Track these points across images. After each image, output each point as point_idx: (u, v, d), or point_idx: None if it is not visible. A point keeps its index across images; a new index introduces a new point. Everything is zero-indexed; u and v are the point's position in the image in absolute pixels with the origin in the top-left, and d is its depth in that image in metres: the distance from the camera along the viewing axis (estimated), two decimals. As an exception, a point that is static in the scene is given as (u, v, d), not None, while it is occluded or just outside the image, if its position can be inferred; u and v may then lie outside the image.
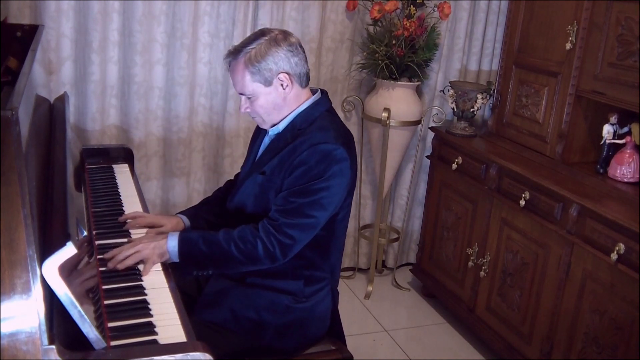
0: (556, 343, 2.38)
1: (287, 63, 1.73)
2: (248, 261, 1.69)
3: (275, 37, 1.73)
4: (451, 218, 3.04)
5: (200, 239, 1.69)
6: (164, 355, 1.22)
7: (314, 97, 1.84)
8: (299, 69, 1.76)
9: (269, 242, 1.67)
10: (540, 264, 2.48)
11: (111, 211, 1.94)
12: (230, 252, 1.67)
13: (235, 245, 1.68)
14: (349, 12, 3.06)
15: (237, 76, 1.74)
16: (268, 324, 1.78)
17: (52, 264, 1.15)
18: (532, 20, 2.75)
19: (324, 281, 1.85)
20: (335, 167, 1.69)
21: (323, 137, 1.71)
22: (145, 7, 2.63)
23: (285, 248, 1.69)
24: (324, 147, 1.69)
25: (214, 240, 1.69)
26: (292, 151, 1.72)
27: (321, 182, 1.68)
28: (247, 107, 1.79)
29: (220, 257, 1.69)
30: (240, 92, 1.77)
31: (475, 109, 2.98)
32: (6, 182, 1.11)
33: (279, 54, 1.71)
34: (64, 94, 2.25)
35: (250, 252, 1.67)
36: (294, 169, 1.70)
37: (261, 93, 1.74)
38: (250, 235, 1.69)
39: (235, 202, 1.88)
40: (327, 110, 1.83)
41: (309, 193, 1.68)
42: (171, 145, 2.87)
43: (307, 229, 1.71)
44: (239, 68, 1.73)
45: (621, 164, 2.37)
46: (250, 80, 1.72)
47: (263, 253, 1.68)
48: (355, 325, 2.98)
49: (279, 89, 1.75)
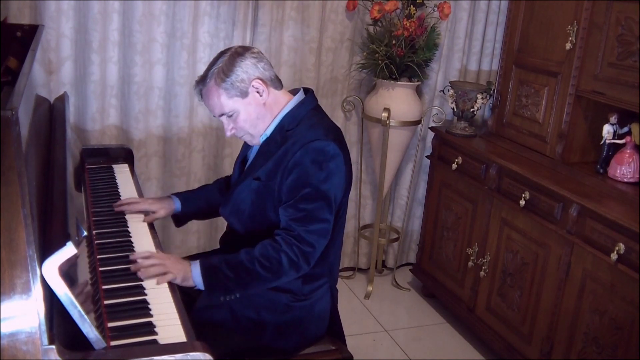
0: (556, 343, 2.38)
1: (256, 69, 1.73)
2: (275, 277, 1.67)
3: (235, 50, 1.75)
4: (451, 218, 3.04)
5: (223, 264, 1.66)
6: (163, 355, 1.22)
7: (297, 97, 1.84)
8: (268, 73, 1.76)
9: (293, 253, 1.66)
10: (540, 264, 2.48)
11: (111, 211, 1.94)
12: (256, 271, 1.65)
13: (259, 264, 1.65)
14: (349, 12, 3.06)
15: (213, 99, 1.73)
16: (267, 323, 1.78)
17: (52, 264, 1.15)
18: (532, 20, 2.75)
19: (322, 279, 1.85)
20: (331, 164, 1.69)
21: (313, 134, 1.70)
22: (145, 7, 2.63)
23: (308, 256, 1.69)
24: (316, 145, 1.68)
25: (236, 263, 1.66)
26: (285, 153, 1.72)
27: (323, 184, 1.68)
28: (232, 129, 1.77)
29: (246, 278, 1.66)
30: (220, 113, 1.74)
31: (475, 109, 2.98)
32: (6, 182, 1.11)
33: (246, 62, 1.71)
34: (64, 94, 2.25)
35: (276, 267, 1.66)
36: (290, 171, 1.70)
37: (241, 107, 1.73)
38: (272, 251, 1.66)
39: (229, 208, 1.87)
40: (313, 108, 1.83)
41: (316, 198, 1.68)
42: (171, 145, 2.87)
43: (324, 232, 1.71)
44: (211, 91, 1.72)
45: (621, 164, 2.37)
46: (227, 98, 1.71)
47: (288, 265, 1.66)
48: (355, 325, 2.98)
49: (257, 97, 1.74)
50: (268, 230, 1.76)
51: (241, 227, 1.86)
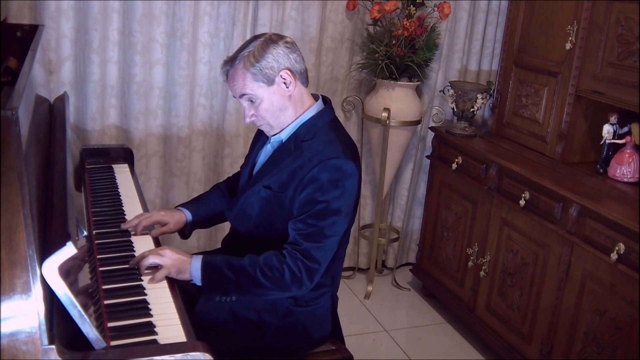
0: (556, 343, 2.38)
1: (287, 59, 1.69)
2: (275, 288, 1.65)
3: (270, 37, 1.71)
4: (451, 218, 3.04)
5: (225, 265, 1.65)
6: (163, 355, 1.22)
7: (317, 105, 1.80)
8: (298, 66, 1.73)
9: (296, 267, 1.64)
10: (540, 264, 2.48)
11: (111, 211, 1.94)
12: (257, 278, 1.64)
13: (261, 272, 1.64)
14: (349, 12, 3.05)
15: (238, 81, 1.68)
16: (268, 325, 1.78)
17: (52, 264, 1.15)
18: (532, 20, 2.75)
19: (324, 287, 1.84)
20: (347, 183, 1.66)
21: (332, 151, 1.67)
22: (145, 7, 2.63)
23: (312, 272, 1.66)
24: (335, 163, 1.65)
25: (239, 266, 1.65)
26: (301, 166, 1.68)
27: (336, 202, 1.65)
28: (252, 115, 1.73)
29: (246, 283, 1.65)
30: (241, 93, 1.70)
31: (475, 109, 2.98)
32: (6, 182, 1.11)
33: (278, 51, 1.68)
34: (64, 94, 2.24)
35: (278, 278, 1.64)
36: (305, 186, 1.66)
37: (265, 94, 1.69)
38: (276, 262, 1.65)
39: (236, 212, 1.84)
40: (331, 120, 1.79)
41: (327, 215, 1.65)
42: (171, 145, 2.87)
43: (329, 249, 1.69)
44: (238, 73, 1.68)
45: (621, 164, 2.37)
46: (253, 81, 1.67)
47: (290, 279, 1.64)
48: (355, 325, 2.98)
49: (282, 88, 1.71)
50: (273, 238, 1.74)
51: (246, 232, 1.83)
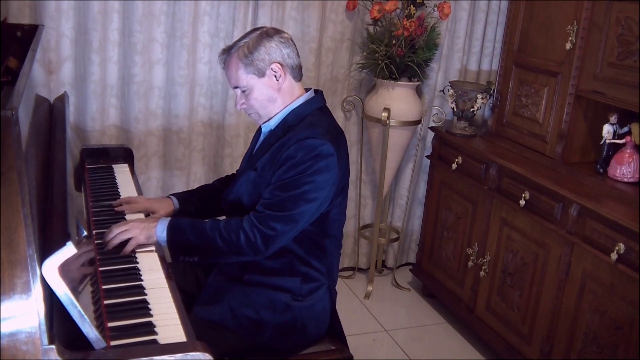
0: (556, 343, 2.38)
1: (279, 54, 1.78)
2: (231, 251, 1.71)
3: (267, 30, 1.81)
4: (451, 218, 3.04)
5: (189, 227, 1.73)
6: (163, 355, 1.22)
7: (307, 94, 1.87)
8: (291, 61, 1.81)
9: (252, 233, 1.70)
10: (540, 263, 2.48)
11: (111, 211, 1.94)
12: (215, 241, 1.70)
13: (219, 235, 1.71)
14: (349, 12, 3.06)
15: (232, 70, 1.79)
16: (267, 322, 1.78)
17: (52, 263, 1.15)
18: (532, 20, 2.75)
19: (320, 280, 1.86)
20: (321, 163, 1.71)
21: (310, 132, 1.73)
22: (145, 7, 2.63)
23: (267, 239, 1.70)
24: (310, 142, 1.71)
25: (200, 229, 1.73)
26: (281, 147, 1.76)
27: (306, 177, 1.70)
28: (242, 103, 1.83)
29: (205, 245, 1.72)
30: (234, 85, 1.81)
31: (475, 108, 2.98)
32: (6, 182, 1.11)
33: (271, 45, 1.77)
34: (64, 94, 2.25)
35: (234, 242, 1.70)
36: (281, 163, 1.73)
37: (255, 85, 1.79)
38: (234, 226, 1.71)
39: (230, 198, 1.90)
40: (319, 108, 1.86)
41: (293, 187, 1.71)
42: (171, 145, 2.87)
43: (289, 221, 1.72)
44: (232, 62, 1.79)
45: (621, 164, 2.37)
46: (244, 72, 1.77)
47: (245, 243, 1.70)
48: (355, 325, 2.98)
49: (273, 80, 1.79)
50: None
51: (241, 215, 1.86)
